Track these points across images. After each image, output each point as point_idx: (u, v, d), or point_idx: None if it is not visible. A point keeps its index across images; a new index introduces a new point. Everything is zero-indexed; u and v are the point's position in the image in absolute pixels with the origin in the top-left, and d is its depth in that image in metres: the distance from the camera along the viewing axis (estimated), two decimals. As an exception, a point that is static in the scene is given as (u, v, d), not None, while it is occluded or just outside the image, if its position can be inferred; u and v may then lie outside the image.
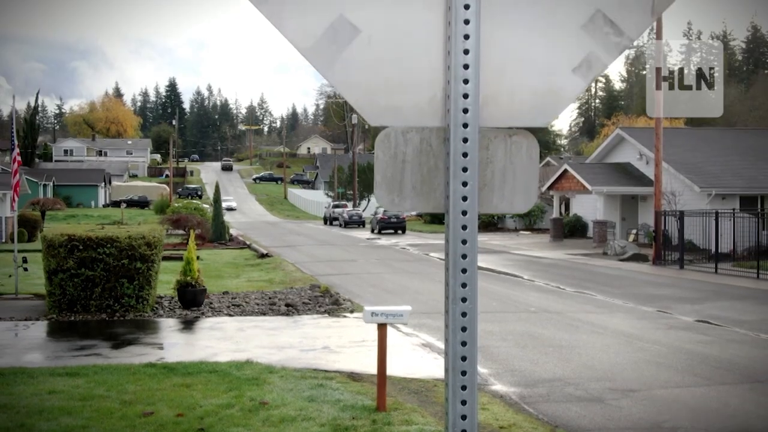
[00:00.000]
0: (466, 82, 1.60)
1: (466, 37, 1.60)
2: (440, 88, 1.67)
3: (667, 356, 11.15)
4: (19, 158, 17.26)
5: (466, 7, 1.60)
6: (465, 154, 1.59)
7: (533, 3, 1.70)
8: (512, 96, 1.69)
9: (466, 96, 1.60)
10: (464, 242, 1.55)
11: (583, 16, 1.70)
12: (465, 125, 1.59)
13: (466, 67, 1.60)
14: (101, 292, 14.09)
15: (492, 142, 1.69)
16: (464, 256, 1.56)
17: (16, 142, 17.49)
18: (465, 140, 1.60)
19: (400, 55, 1.67)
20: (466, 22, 1.60)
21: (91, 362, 10.17)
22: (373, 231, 49.24)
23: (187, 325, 13.59)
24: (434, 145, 1.67)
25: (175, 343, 11.98)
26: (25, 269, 17.61)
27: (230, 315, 14.48)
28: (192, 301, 15.17)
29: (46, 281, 14.30)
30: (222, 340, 12.00)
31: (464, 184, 1.59)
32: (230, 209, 71.84)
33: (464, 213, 1.57)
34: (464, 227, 1.56)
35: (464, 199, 1.58)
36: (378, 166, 1.65)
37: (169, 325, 13.43)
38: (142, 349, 11.26)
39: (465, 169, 1.59)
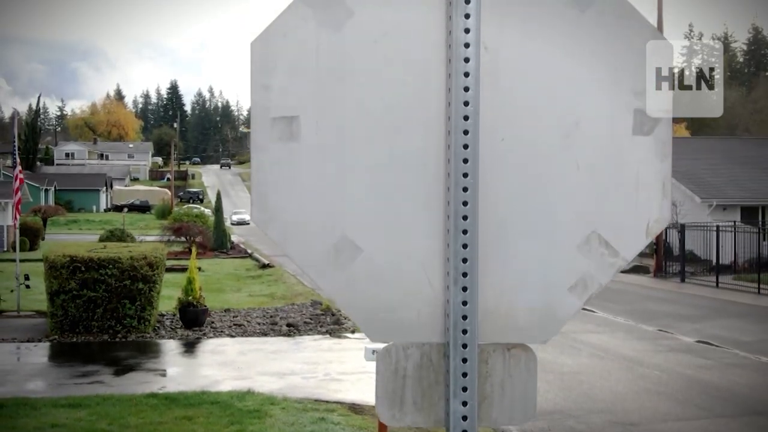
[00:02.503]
0: (465, 303, 1.65)
1: (464, 260, 1.65)
2: (440, 305, 1.72)
3: (668, 384, 11.17)
4: (21, 176, 17.30)
5: (464, 231, 1.65)
6: (465, 374, 1.64)
7: (530, 223, 1.75)
8: (510, 313, 1.74)
9: (465, 317, 1.65)
10: (464, 462, 1.60)
11: (579, 236, 1.75)
12: (464, 345, 1.64)
13: (464, 289, 1.65)
14: (103, 313, 14.13)
15: (491, 356, 1.73)
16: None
17: (17, 160, 17.53)
18: (464, 360, 1.64)
19: (401, 272, 1.72)
20: (465, 246, 1.65)
21: (94, 391, 10.20)
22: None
23: (189, 347, 13.62)
24: (434, 360, 1.71)
25: (176, 369, 12.00)
26: (27, 286, 17.63)
27: (231, 336, 14.51)
28: (193, 320, 15.21)
29: (48, 302, 14.34)
30: (223, 365, 12.03)
31: (464, 403, 1.63)
32: (242, 223, 63.92)
33: (464, 432, 1.61)
34: (464, 448, 1.61)
35: (464, 418, 1.63)
36: (379, 381, 1.69)
37: (170, 348, 13.46)
38: (144, 376, 11.29)
39: (465, 389, 1.64)
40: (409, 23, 1.73)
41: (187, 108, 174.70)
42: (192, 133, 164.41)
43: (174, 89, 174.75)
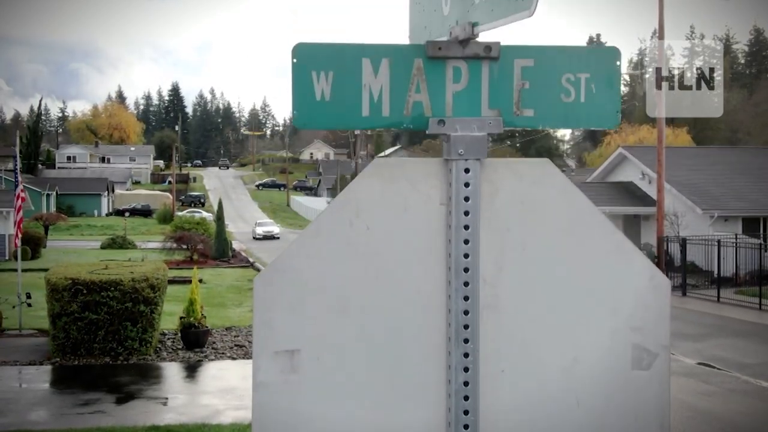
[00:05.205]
0: None
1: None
2: None
3: (669, 414, 11.17)
4: (23, 195, 17.35)
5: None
6: None
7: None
8: None
9: None
10: None
11: None
12: None
13: None
14: (105, 335, 14.13)
15: None
16: None
17: (19, 179, 17.56)
18: None
19: None
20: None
21: (95, 423, 10.22)
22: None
23: (190, 371, 13.64)
24: None
25: (177, 398, 12.00)
26: (29, 305, 17.66)
27: (233, 358, 14.52)
28: (195, 342, 15.23)
29: (50, 325, 14.36)
30: (224, 393, 12.04)
31: None
32: (269, 237, 56.69)
33: None
34: None
35: None
36: None
37: (172, 373, 13.46)
38: (145, 405, 11.30)
39: None
40: (409, 255, 1.74)
41: (189, 109, 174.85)
42: (193, 135, 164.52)
43: (175, 91, 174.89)
